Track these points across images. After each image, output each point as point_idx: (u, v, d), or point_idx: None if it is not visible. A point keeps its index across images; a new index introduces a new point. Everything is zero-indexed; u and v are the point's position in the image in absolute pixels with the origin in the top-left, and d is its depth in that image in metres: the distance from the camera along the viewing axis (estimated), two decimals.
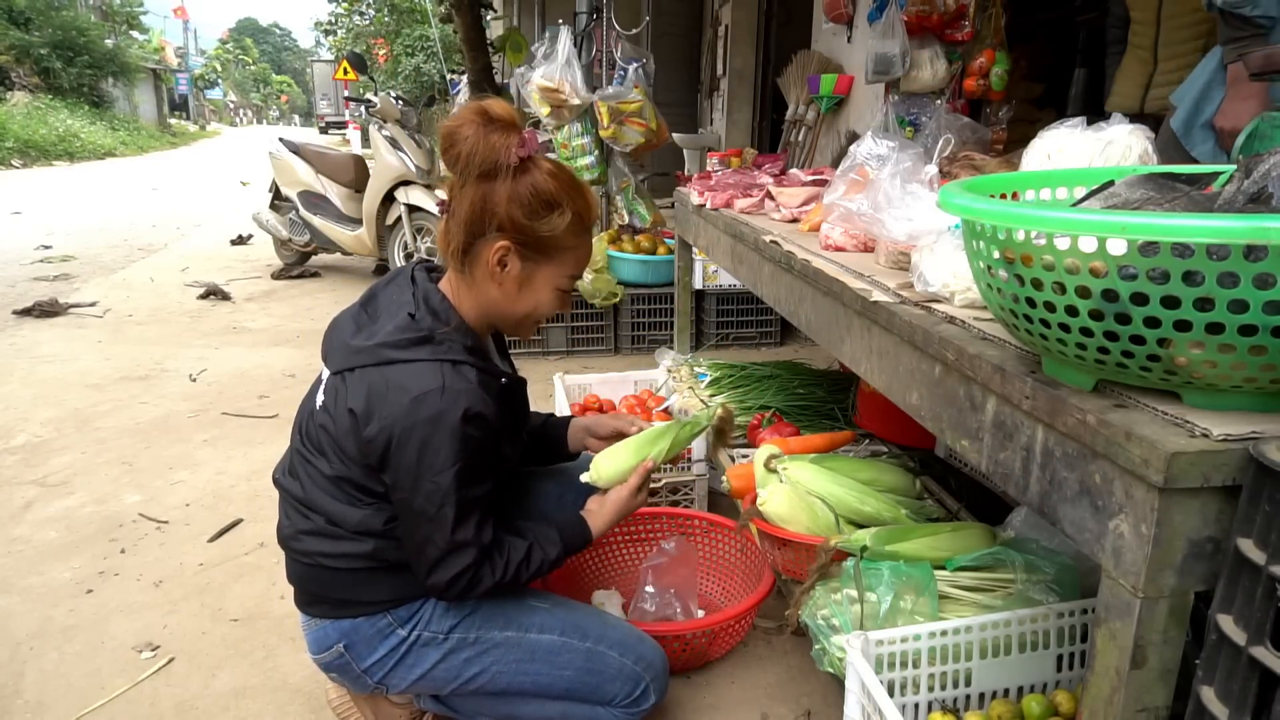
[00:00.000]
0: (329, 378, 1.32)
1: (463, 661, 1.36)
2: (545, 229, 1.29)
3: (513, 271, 1.30)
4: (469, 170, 1.25)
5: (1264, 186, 0.79)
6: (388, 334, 1.26)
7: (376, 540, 1.31)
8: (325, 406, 1.31)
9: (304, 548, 1.35)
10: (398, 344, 1.25)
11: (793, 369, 2.84)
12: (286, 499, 1.39)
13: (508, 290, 1.32)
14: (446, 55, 13.32)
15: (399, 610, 1.34)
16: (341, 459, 1.29)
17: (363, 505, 1.30)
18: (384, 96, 5.57)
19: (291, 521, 1.37)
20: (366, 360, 1.25)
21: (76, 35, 21.47)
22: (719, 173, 3.13)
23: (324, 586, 1.35)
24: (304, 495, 1.34)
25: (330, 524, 1.32)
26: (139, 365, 3.87)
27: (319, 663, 1.40)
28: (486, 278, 1.31)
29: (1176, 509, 0.74)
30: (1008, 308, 0.86)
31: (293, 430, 1.41)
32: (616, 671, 1.41)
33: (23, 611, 1.96)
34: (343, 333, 1.33)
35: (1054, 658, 1.32)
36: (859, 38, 4.37)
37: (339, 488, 1.31)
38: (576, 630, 1.40)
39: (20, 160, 15.36)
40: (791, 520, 1.72)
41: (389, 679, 1.37)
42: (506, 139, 1.24)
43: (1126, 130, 1.22)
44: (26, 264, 6.16)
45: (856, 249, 1.64)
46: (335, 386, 1.29)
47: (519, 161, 1.25)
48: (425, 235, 5.37)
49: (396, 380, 1.22)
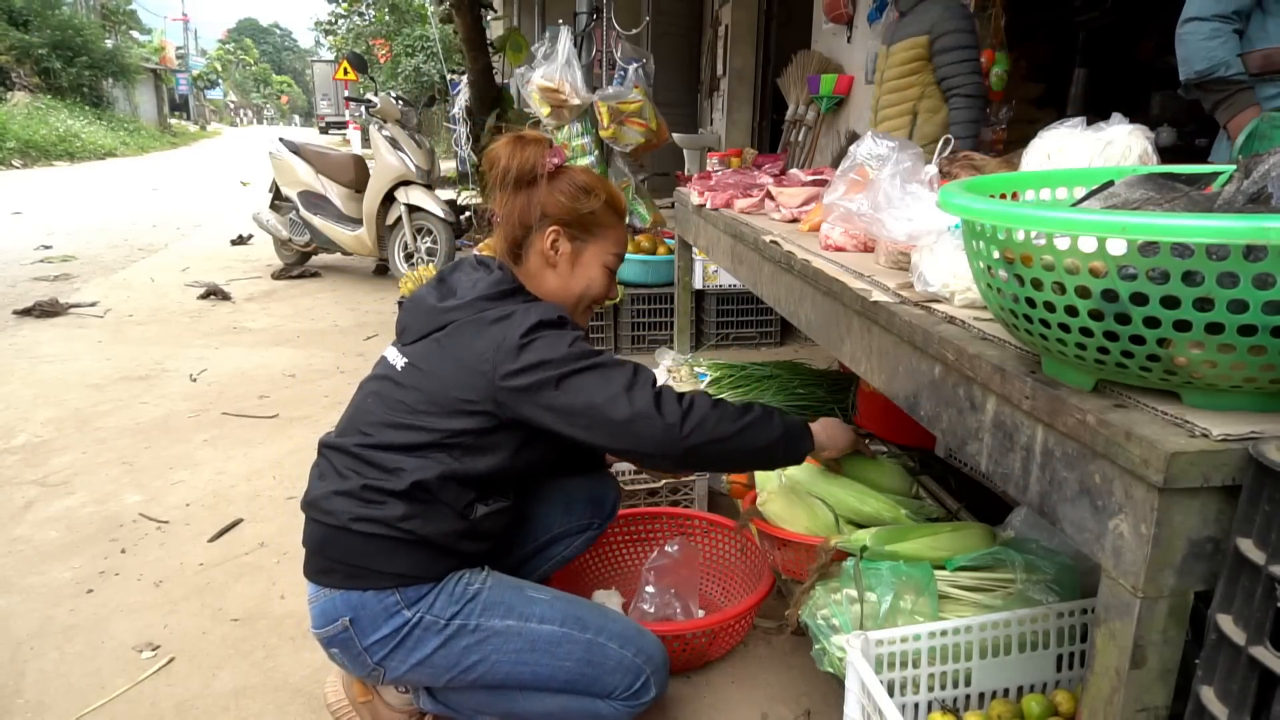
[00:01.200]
0: (414, 344, 1.42)
1: (462, 649, 1.36)
2: (587, 208, 1.48)
3: (565, 251, 1.48)
4: (509, 181, 1.46)
5: (1264, 186, 0.79)
6: (484, 288, 1.40)
7: (410, 505, 1.32)
8: (415, 365, 1.39)
9: (332, 506, 1.35)
10: (492, 296, 1.40)
11: (793, 369, 2.85)
12: (334, 456, 1.40)
13: (562, 271, 1.50)
14: (446, 55, 13.31)
15: (408, 590, 1.35)
16: (433, 409, 1.34)
17: (430, 455, 1.34)
18: (384, 96, 5.58)
19: (325, 482, 1.39)
20: (465, 314, 1.38)
21: (76, 36, 21.49)
22: (719, 173, 3.13)
23: (342, 550, 1.35)
24: (361, 449, 1.36)
25: (368, 487, 1.33)
26: (139, 365, 3.87)
27: (321, 637, 1.39)
28: (542, 264, 1.48)
29: (1176, 509, 0.74)
30: (1008, 308, 0.86)
31: (354, 400, 1.47)
32: (616, 664, 1.41)
33: (23, 611, 1.96)
34: (424, 303, 1.45)
35: (1054, 658, 1.32)
36: (859, 38, 4.37)
37: (414, 439, 1.34)
38: (577, 622, 1.41)
39: (21, 160, 15.37)
40: (791, 520, 1.73)
41: (388, 661, 1.37)
42: (540, 151, 1.46)
43: (1126, 130, 1.22)
44: (27, 264, 6.17)
45: (856, 249, 1.64)
46: (427, 349, 1.39)
47: (554, 169, 1.48)
48: (425, 235, 5.38)
49: (503, 318, 1.35)
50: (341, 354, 4.09)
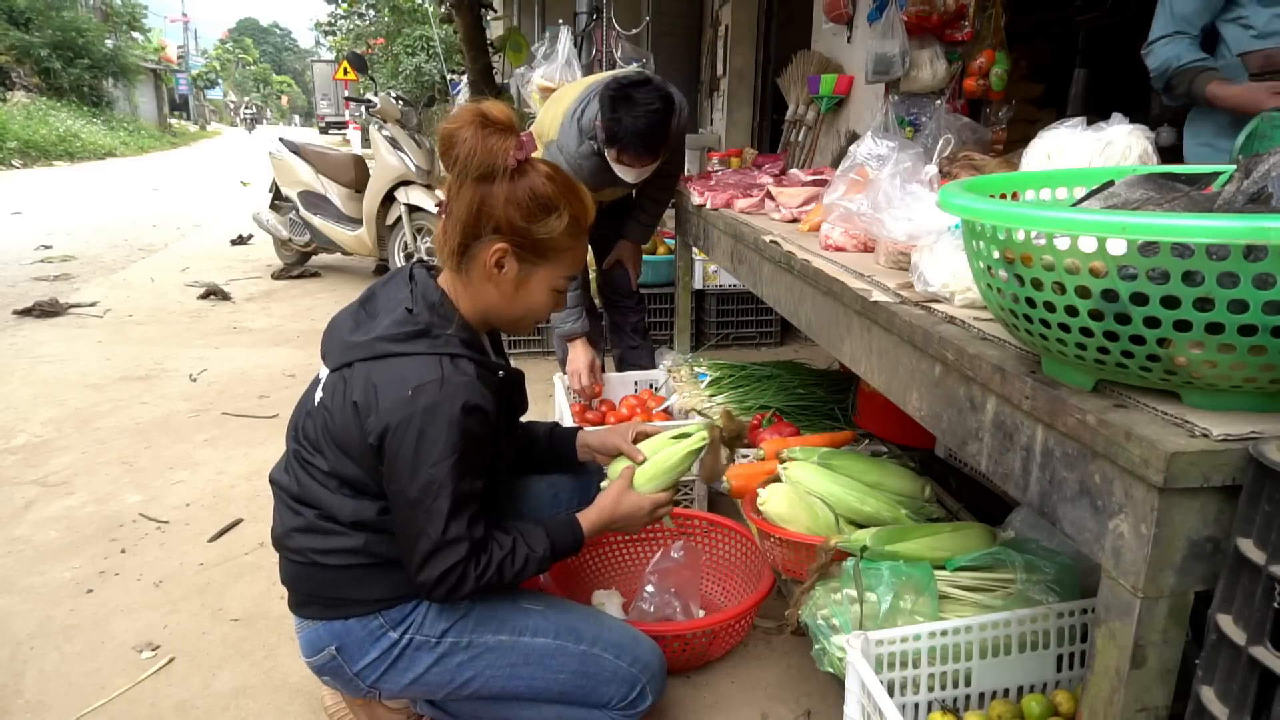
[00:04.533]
0: (328, 375, 1.33)
1: (456, 666, 1.36)
2: (542, 232, 1.31)
3: (510, 274, 1.32)
4: (466, 172, 1.26)
5: (1264, 186, 0.79)
6: (385, 328, 1.28)
7: (368, 534, 1.31)
8: (324, 403, 1.32)
9: (296, 545, 1.35)
10: (394, 337, 1.26)
11: (793, 369, 2.84)
12: (281, 497, 1.39)
13: (504, 291, 1.34)
14: (446, 55, 13.32)
15: (391, 612, 1.34)
16: (339, 453, 1.29)
17: (357, 498, 1.31)
18: (384, 96, 5.57)
19: (284, 520, 1.38)
20: (364, 354, 1.27)
21: (77, 36, 21.47)
22: (719, 173, 3.13)
23: (316, 585, 1.35)
24: (298, 490, 1.34)
25: (322, 519, 1.32)
26: (139, 365, 3.87)
27: (311, 666, 1.40)
28: (483, 278, 1.32)
29: (1176, 509, 0.74)
30: (1008, 308, 0.86)
31: (288, 430, 1.42)
32: (612, 674, 1.40)
33: (23, 611, 1.96)
34: (341, 330, 1.35)
35: (1054, 658, 1.32)
36: (859, 38, 4.36)
37: (334, 481, 1.31)
38: (571, 633, 1.40)
39: (20, 160, 15.36)
40: (791, 520, 1.73)
41: (382, 683, 1.37)
42: (504, 142, 1.25)
43: (1126, 130, 1.22)
44: (27, 264, 6.16)
45: (856, 249, 1.64)
46: (335, 383, 1.30)
47: (516, 164, 1.27)
48: (425, 235, 5.38)
49: (396, 372, 1.24)
50: None
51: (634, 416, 2.56)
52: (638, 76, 2.38)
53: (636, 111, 2.25)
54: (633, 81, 2.31)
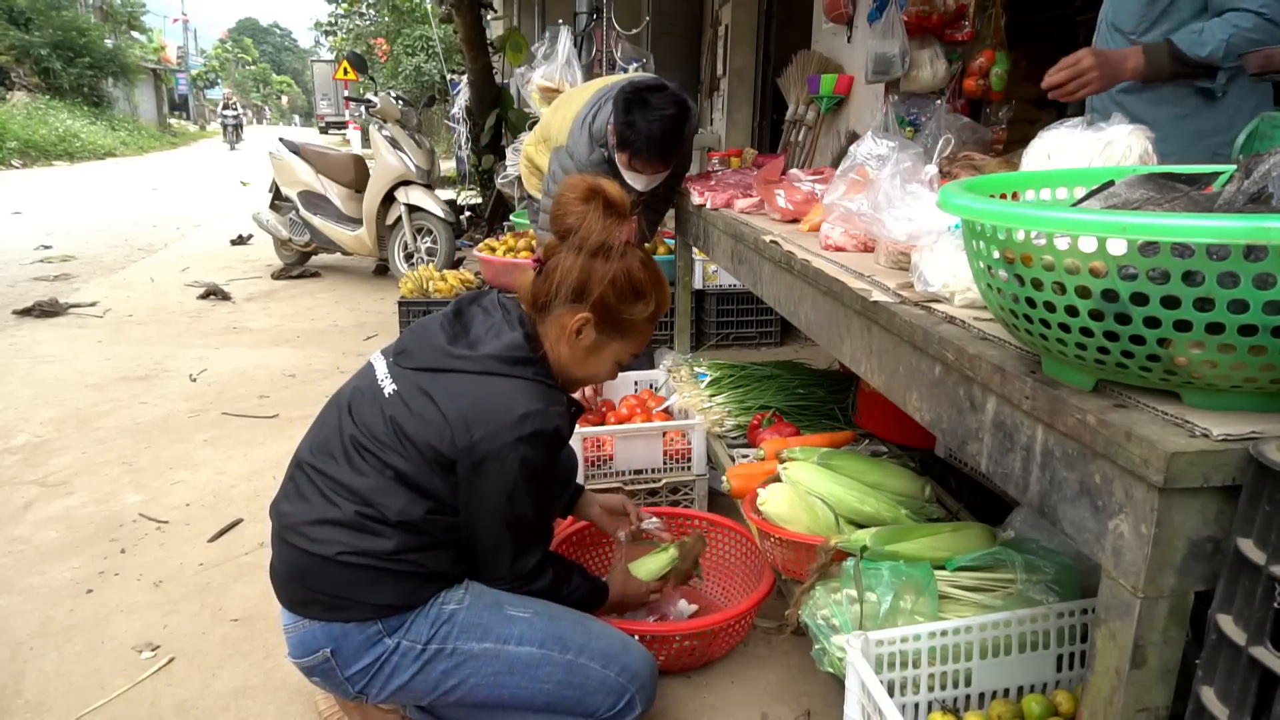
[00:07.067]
0: (403, 371, 1.36)
1: (440, 674, 1.35)
2: (628, 314, 1.42)
3: (585, 341, 1.42)
4: (579, 244, 1.37)
5: (1264, 186, 0.79)
6: (498, 348, 1.35)
7: (405, 535, 1.31)
8: (401, 397, 1.34)
9: (320, 536, 1.30)
10: (505, 359, 1.34)
11: (793, 369, 2.84)
12: (317, 478, 1.35)
13: (575, 355, 1.43)
14: (446, 55, 13.31)
15: (390, 619, 1.33)
16: (409, 449, 1.31)
17: (410, 494, 1.32)
18: (384, 96, 5.58)
19: (311, 508, 1.33)
20: (472, 367, 1.34)
21: (77, 36, 21.48)
22: (719, 173, 3.13)
23: (324, 582, 1.31)
24: (347, 479, 1.32)
25: (362, 515, 1.30)
26: (139, 365, 3.87)
27: (301, 666, 1.37)
28: (560, 338, 1.42)
29: (1176, 509, 0.74)
30: (1008, 308, 0.86)
31: (333, 410, 1.42)
32: (599, 684, 1.40)
33: (23, 611, 1.96)
34: (433, 335, 1.39)
35: (1054, 658, 1.32)
36: (859, 38, 4.36)
37: (391, 472, 1.31)
38: (557, 642, 1.39)
39: (20, 160, 15.37)
40: (791, 520, 1.73)
41: (369, 689, 1.36)
42: (620, 227, 1.38)
43: (1126, 130, 1.22)
44: (26, 264, 6.17)
45: (856, 249, 1.64)
46: (420, 384, 1.34)
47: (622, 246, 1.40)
48: (425, 235, 5.38)
49: (504, 392, 1.32)
50: (341, 354, 4.09)
51: (634, 416, 2.56)
52: (653, 81, 2.38)
53: (651, 116, 2.25)
54: (648, 86, 2.31)
